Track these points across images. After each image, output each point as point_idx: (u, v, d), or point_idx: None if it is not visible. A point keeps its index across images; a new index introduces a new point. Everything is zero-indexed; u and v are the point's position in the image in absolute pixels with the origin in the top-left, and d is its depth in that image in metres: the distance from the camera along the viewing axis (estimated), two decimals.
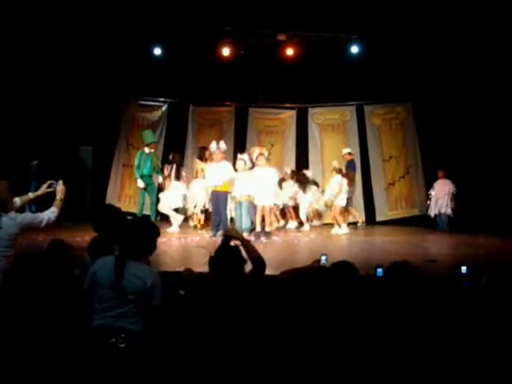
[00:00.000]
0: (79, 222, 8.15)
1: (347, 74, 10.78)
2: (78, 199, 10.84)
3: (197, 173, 9.94)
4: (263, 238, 8.24)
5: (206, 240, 8.07)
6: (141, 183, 9.45)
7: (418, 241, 8.90)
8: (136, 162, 9.62)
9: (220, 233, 8.41)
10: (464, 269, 4.10)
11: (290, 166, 11.20)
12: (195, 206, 9.73)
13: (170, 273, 4.59)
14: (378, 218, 11.50)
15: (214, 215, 8.83)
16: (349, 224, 9.95)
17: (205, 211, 9.85)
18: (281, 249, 7.62)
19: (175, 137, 11.68)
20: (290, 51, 10.95)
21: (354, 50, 10.79)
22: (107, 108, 11.08)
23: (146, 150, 9.61)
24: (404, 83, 10.82)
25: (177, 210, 9.58)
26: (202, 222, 9.90)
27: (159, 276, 3.19)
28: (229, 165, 8.82)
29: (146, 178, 9.52)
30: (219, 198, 8.63)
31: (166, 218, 9.55)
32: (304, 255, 6.91)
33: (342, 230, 9.55)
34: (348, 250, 7.41)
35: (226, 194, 8.65)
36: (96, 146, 11.57)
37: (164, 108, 12.07)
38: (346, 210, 9.93)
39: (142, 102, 12.11)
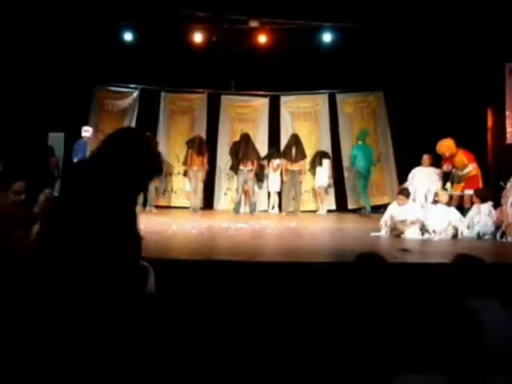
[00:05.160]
0: None
1: (320, 62, 10.82)
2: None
3: None
4: None
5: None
6: None
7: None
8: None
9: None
10: None
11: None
12: None
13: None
14: (350, 206, 11.62)
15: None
16: None
17: None
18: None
19: (146, 124, 11.49)
20: (262, 38, 10.89)
21: (327, 38, 10.79)
22: (79, 94, 10.86)
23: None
24: (376, 72, 10.91)
25: None
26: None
27: None
28: None
29: None
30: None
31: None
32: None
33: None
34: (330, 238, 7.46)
35: None
36: (68, 132, 11.34)
37: (135, 94, 11.91)
38: None
39: (111, 88, 11.93)
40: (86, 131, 10.33)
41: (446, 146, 8.52)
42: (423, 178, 8.96)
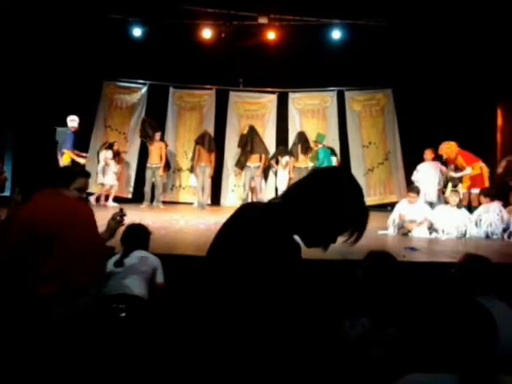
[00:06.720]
0: None
1: (328, 59, 10.78)
2: None
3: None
4: None
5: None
6: None
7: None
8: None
9: None
10: None
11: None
12: None
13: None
14: None
15: None
16: None
17: None
18: None
19: (155, 119, 11.51)
20: (271, 35, 10.88)
21: (336, 35, 10.77)
22: (87, 89, 10.89)
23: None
24: (385, 70, 10.87)
25: None
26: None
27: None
28: None
29: None
30: None
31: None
32: None
33: None
34: None
35: None
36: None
37: (144, 90, 11.93)
38: None
39: (120, 84, 11.96)
40: (73, 121, 10.06)
41: (445, 149, 8.60)
42: (425, 172, 9.01)
